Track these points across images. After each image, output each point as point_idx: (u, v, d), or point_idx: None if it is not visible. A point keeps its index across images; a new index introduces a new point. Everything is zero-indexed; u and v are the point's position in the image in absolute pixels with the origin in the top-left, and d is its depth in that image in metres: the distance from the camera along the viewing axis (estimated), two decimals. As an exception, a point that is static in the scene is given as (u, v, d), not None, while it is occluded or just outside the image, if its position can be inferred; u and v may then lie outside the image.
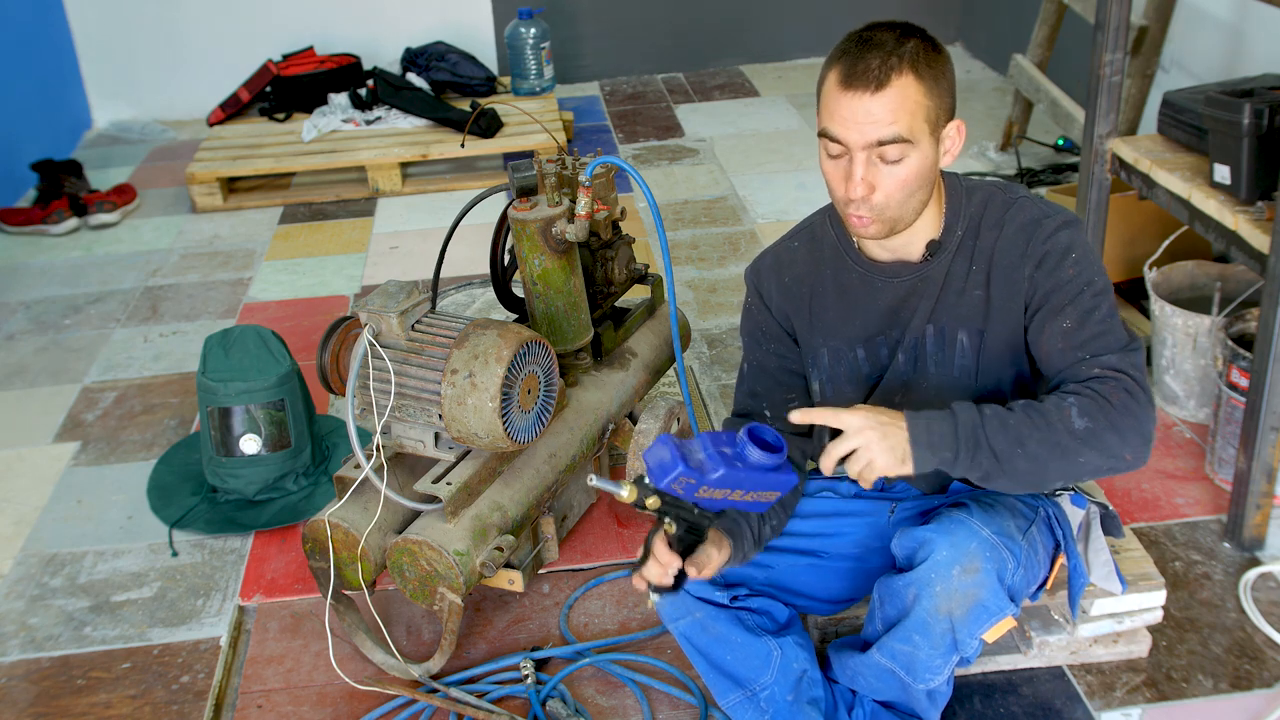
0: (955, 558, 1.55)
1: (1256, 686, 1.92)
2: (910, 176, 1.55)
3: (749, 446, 1.44)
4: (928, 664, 1.60)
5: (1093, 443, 1.48)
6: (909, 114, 1.51)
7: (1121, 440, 1.49)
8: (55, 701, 2.05)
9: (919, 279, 1.69)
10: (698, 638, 1.73)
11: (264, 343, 2.48)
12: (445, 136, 4.36)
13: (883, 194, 1.56)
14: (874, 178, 1.55)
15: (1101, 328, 1.58)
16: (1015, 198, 1.68)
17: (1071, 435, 1.48)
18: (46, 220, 4.03)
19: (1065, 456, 1.48)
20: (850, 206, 1.59)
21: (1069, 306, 1.59)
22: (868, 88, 1.50)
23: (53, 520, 2.53)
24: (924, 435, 1.47)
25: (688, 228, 3.81)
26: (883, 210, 1.58)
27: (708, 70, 5.53)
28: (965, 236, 1.67)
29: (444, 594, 1.91)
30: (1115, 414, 1.49)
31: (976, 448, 1.47)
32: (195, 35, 5.07)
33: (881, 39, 1.52)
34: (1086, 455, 1.48)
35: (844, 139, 1.54)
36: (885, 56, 1.50)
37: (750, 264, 1.87)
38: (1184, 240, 2.71)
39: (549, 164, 2.26)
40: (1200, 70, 3.37)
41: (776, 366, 1.83)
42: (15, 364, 3.22)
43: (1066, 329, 1.58)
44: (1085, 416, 1.48)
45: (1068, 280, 1.59)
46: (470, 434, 1.91)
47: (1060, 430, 1.48)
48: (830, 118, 1.55)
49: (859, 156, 1.54)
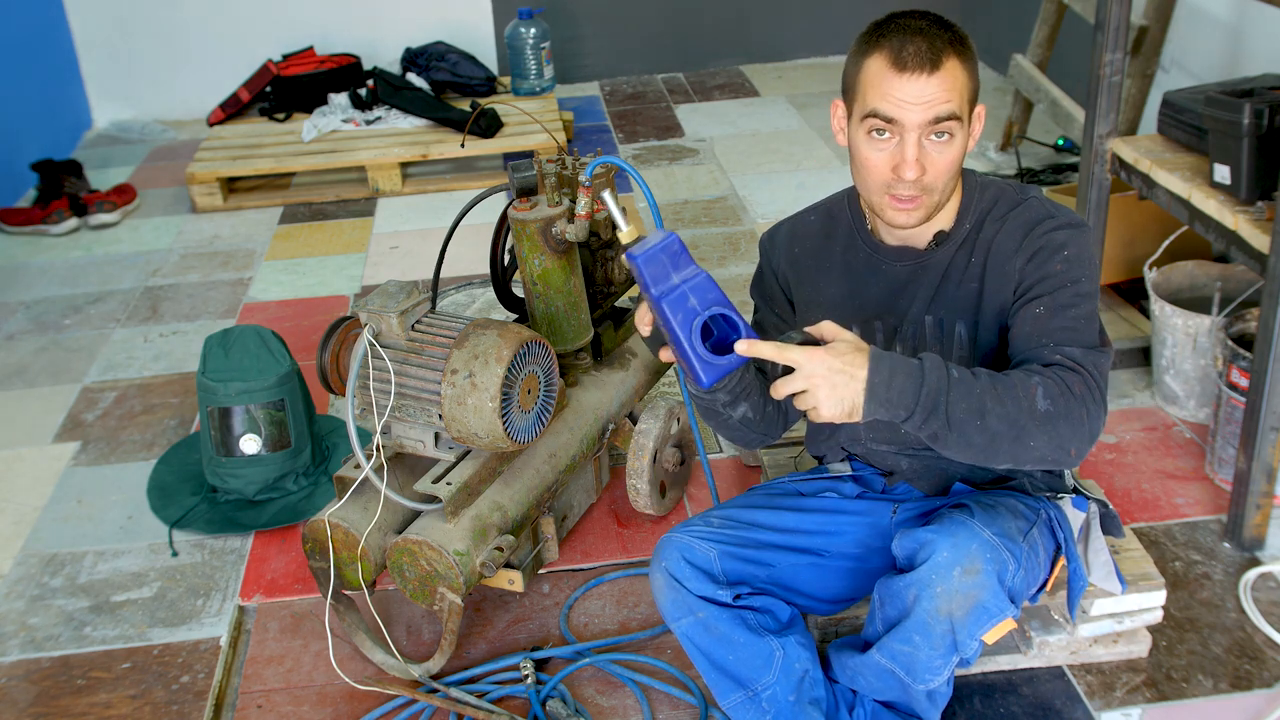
0: (956, 559, 1.56)
1: (1256, 686, 1.92)
2: (957, 157, 1.60)
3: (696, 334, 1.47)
4: (928, 665, 1.60)
5: (1049, 428, 1.48)
6: (959, 94, 1.57)
7: (1073, 432, 1.49)
8: (55, 701, 2.05)
9: (920, 266, 1.72)
10: (700, 637, 1.73)
11: (264, 343, 2.48)
12: (445, 136, 4.36)
13: (933, 174, 1.59)
14: (924, 159, 1.58)
15: (1074, 324, 1.59)
16: (1025, 197, 1.71)
17: (1032, 417, 1.47)
18: (46, 220, 4.03)
19: (1020, 438, 1.48)
20: (897, 188, 1.61)
21: (1046, 297, 1.61)
22: (923, 69, 1.54)
23: (53, 520, 2.53)
24: (882, 390, 1.44)
25: (688, 228, 3.81)
26: (931, 191, 1.61)
27: (708, 70, 5.53)
28: (971, 231, 1.70)
29: (444, 594, 1.91)
30: (1075, 404, 1.49)
31: (932, 412, 1.45)
32: (195, 35, 5.07)
33: (920, 25, 1.57)
34: (1038, 440, 1.48)
35: (901, 118, 1.56)
36: (933, 39, 1.55)
37: (765, 231, 1.92)
38: (1184, 240, 2.71)
39: (549, 164, 2.26)
40: (1200, 70, 3.37)
41: (775, 331, 1.88)
42: (15, 364, 3.22)
43: (1038, 314, 1.60)
44: (1049, 399, 1.48)
45: (1053, 274, 1.62)
46: (470, 434, 1.91)
47: (1024, 409, 1.47)
48: (883, 99, 1.56)
49: (911, 137, 1.57)
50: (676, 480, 2.40)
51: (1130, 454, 2.52)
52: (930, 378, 1.46)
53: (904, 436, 1.80)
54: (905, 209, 1.62)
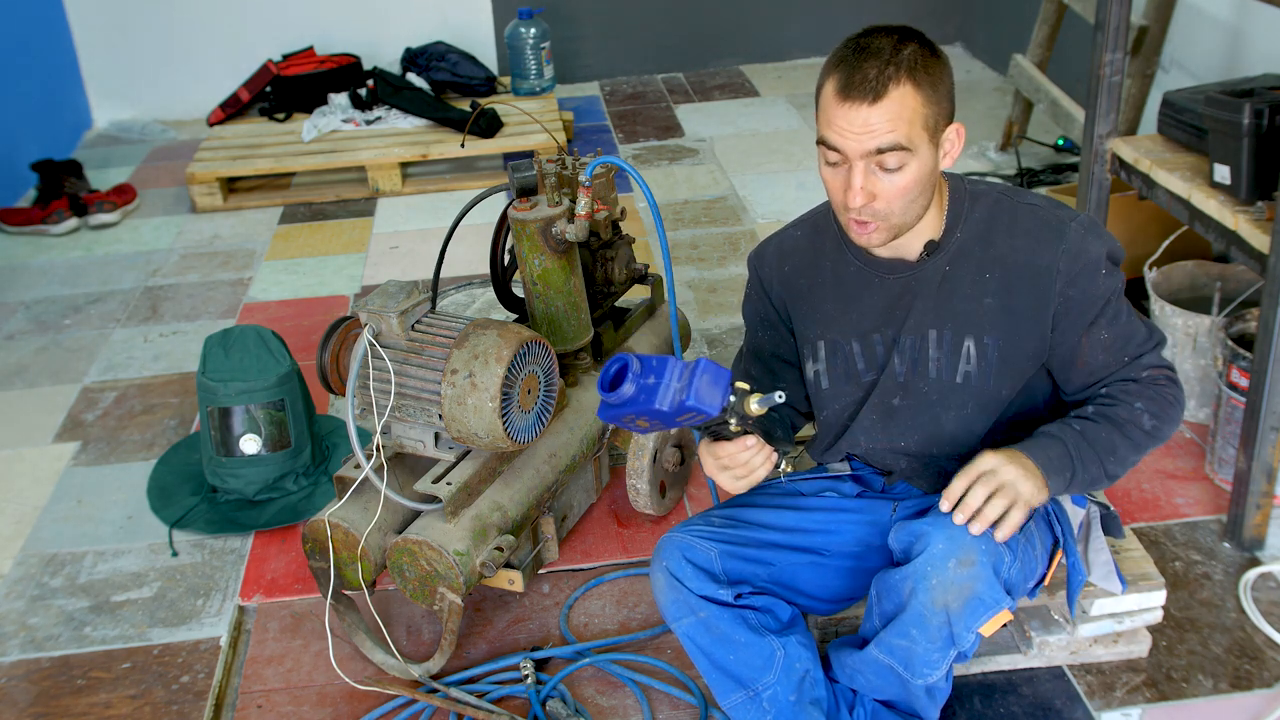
0: (951, 550, 1.56)
1: (1256, 686, 1.92)
2: (910, 184, 1.57)
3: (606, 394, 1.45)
4: (925, 658, 1.60)
5: (1157, 437, 1.67)
6: (907, 122, 1.53)
7: (1173, 428, 1.69)
8: (55, 701, 2.05)
9: (913, 278, 1.71)
10: (701, 637, 1.73)
11: (264, 343, 2.48)
12: (445, 136, 4.36)
13: (883, 201, 1.58)
14: (873, 186, 1.57)
15: (1130, 329, 1.69)
16: (1022, 202, 1.69)
17: (1143, 433, 1.66)
18: (46, 220, 4.03)
19: (1139, 452, 1.67)
20: (850, 213, 1.60)
21: (1100, 318, 1.67)
22: (865, 98, 1.51)
23: (53, 520, 2.53)
24: (1049, 463, 1.60)
25: (688, 228, 3.81)
26: (886, 217, 1.60)
27: (708, 70, 5.53)
28: (971, 242, 1.68)
29: (444, 594, 1.91)
30: (1172, 410, 1.68)
31: (1086, 461, 1.62)
32: (195, 35, 5.07)
33: (879, 46, 1.53)
34: (1150, 446, 1.68)
35: (842, 148, 1.55)
36: (882, 66, 1.51)
37: (754, 249, 1.90)
38: (1184, 240, 2.71)
39: (549, 164, 2.26)
40: (1200, 70, 3.37)
41: (770, 354, 1.87)
42: (15, 364, 3.22)
43: (1105, 340, 1.69)
44: (1154, 418, 1.66)
45: (1098, 294, 1.66)
46: (470, 434, 1.91)
47: (1137, 433, 1.65)
48: (828, 126, 1.56)
49: (858, 165, 1.55)
50: (676, 480, 2.40)
51: (1130, 454, 2.52)
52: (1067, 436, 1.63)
53: (903, 446, 1.80)
54: (862, 231, 1.62)
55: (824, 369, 1.80)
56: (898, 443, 1.79)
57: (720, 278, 3.44)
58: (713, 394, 1.44)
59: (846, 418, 1.83)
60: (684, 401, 1.43)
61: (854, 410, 1.81)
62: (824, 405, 1.84)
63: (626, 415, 1.47)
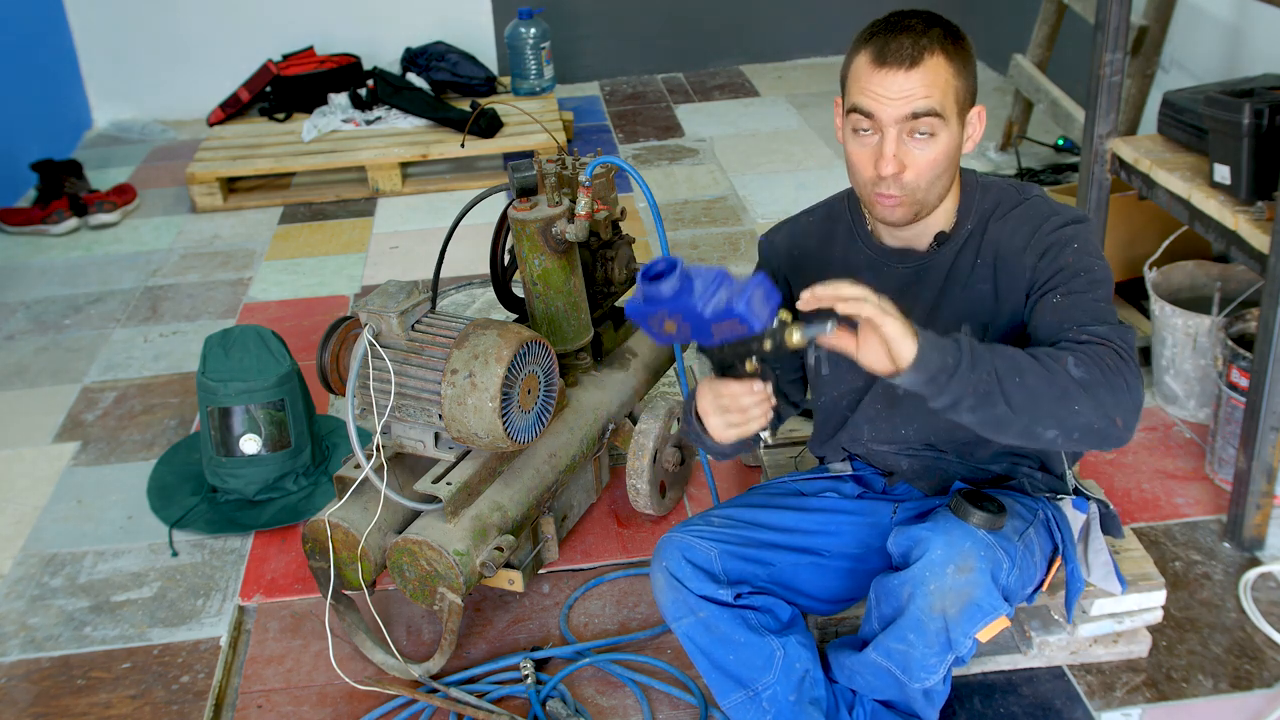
0: (950, 556, 1.56)
1: (1256, 686, 1.92)
2: (939, 156, 1.59)
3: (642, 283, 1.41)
4: (922, 663, 1.60)
5: (1090, 392, 1.45)
6: (941, 90, 1.56)
7: (1116, 400, 1.46)
8: (55, 701, 2.05)
9: (922, 268, 1.72)
10: (700, 637, 1.73)
11: (264, 343, 2.48)
12: (445, 136, 4.36)
13: (913, 172, 1.59)
14: (904, 155, 1.58)
15: (1094, 309, 1.57)
16: (1028, 196, 1.71)
17: (1069, 379, 1.45)
18: (46, 220, 4.03)
19: (1063, 398, 1.45)
20: (880, 186, 1.61)
21: (1062, 287, 1.60)
22: (902, 64, 1.54)
23: (53, 520, 2.53)
24: (929, 337, 1.43)
25: (688, 228, 3.81)
26: (913, 190, 1.60)
27: (708, 70, 5.53)
28: (975, 233, 1.70)
29: (444, 594, 1.91)
30: (1110, 374, 1.47)
31: (978, 361, 1.44)
32: (195, 35, 5.07)
33: (910, 23, 1.57)
34: (1082, 404, 1.45)
35: (877, 113, 1.56)
36: (916, 37, 1.55)
37: (765, 232, 1.91)
38: (1184, 240, 2.71)
39: (549, 164, 2.26)
40: (1200, 70, 3.37)
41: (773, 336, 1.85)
42: (15, 364, 3.22)
43: (1056, 304, 1.59)
44: (1081, 368, 1.46)
45: (1066, 266, 1.61)
46: (470, 434, 1.91)
47: (1059, 372, 1.45)
48: (862, 93, 1.57)
49: (890, 133, 1.56)
50: (676, 480, 2.40)
51: (1130, 454, 2.52)
52: (965, 335, 1.48)
53: (904, 436, 1.80)
54: (889, 205, 1.62)
55: (825, 355, 1.80)
56: (899, 431, 1.79)
57: (720, 278, 3.43)
58: (763, 309, 1.40)
59: (845, 406, 1.83)
60: (731, 306, 1.38)
61: (854, 399, 1.82)
62: (822, 392, 1.85)
63: (659, 313, 1.42)
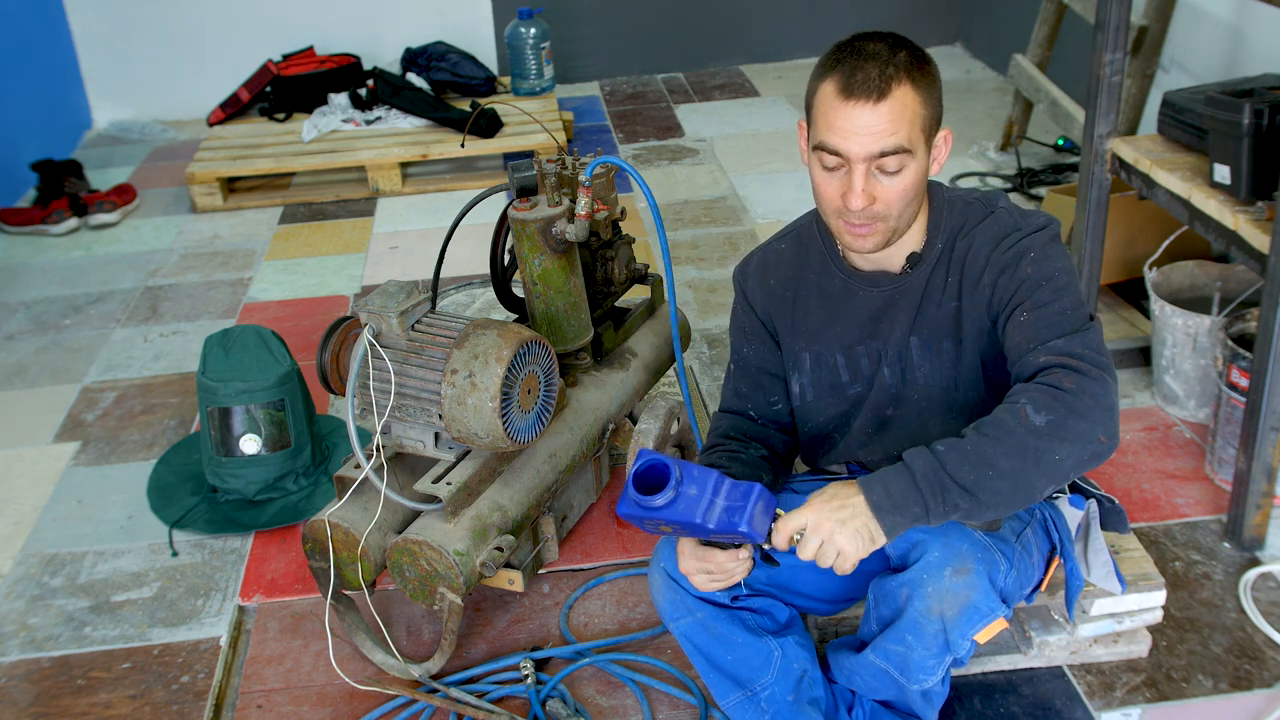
0: (947, 558, 1.56)
1: (1256, 686, 1.92)
2: (908, 186, 1.56)
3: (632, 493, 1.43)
4: (921, 664, 1.61)
5: (1062, 434, 1.41)
6: (908, 124, 1.52)
7: (1089, 423, 1.42)
8: (55, 701, 2.05)
9: (898, 290, 1.70)
10: (698, 637, 1.73)
11: (264, 343, 2.48)
12: (445, 136, 4.36)
13: (883, 204, 1.57)
14: (873, 189, 1.56)
15: (1057, 321, 1.54)
16: (992, 210, 1.68)
17: (1036, 435, 1.41)
18: (46, 220, 4.03)
19: (1040, 460, 1.41)
20: (848, 217, 1.59)
21: (1027, 301, 1.57)
22: (869, 98, 1.50)
23: (53, 520, 2.53)
24: (885, 500, 1.43)
25: (688, 228, 3.81)
26: (885, 219, 1.59)
27: (708, 70, 5.53)
28: (945, 250, 1.68)
29: (444, 594, 1.91)
30: (1071, 398, 1.43)
31: (944, 490, 1.42)
32: (195, 35, 5.07)
33: (875, 49, 1.53)
34: (1061, 450, 1.42)
35: (845, 151, 1.54)
36: (883, 66, 1.51)
37: (738, 264, 1.89)
38: (1184, 240, 2.71)
39: (549, 164, 2.26)
40: (1200, 70, 3.37)
41: (757, 368, 1.85)
42: (15, 364, 3.22)
43: (1023, 322, 1.57)
44: (1042, 411, 1.42)
45: (1026, 279, 1.58)
46: (470, 434, 1.91)
47: (1022, 434, 1.41)
48: (829, 130, 1.54)
49: (859, 168, 1.54)
50: (676, 480, 2.40)
51: (1130, 454, 2.52)
52: (916, 464, 1.44)
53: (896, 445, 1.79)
54: (860, 234, 1.60)
55: (808, 381, 1.80)
56: (892, 451, 1.78)
57: (720, 278, 3.44)
58: (764, 522, 1.45)
59: (831, 430, 1.83)
60: (734, 525, 1.42)
61: (839, 423, 1.81)
62: (808, 418, 1.84)
63: (652, 520, 1.44)
